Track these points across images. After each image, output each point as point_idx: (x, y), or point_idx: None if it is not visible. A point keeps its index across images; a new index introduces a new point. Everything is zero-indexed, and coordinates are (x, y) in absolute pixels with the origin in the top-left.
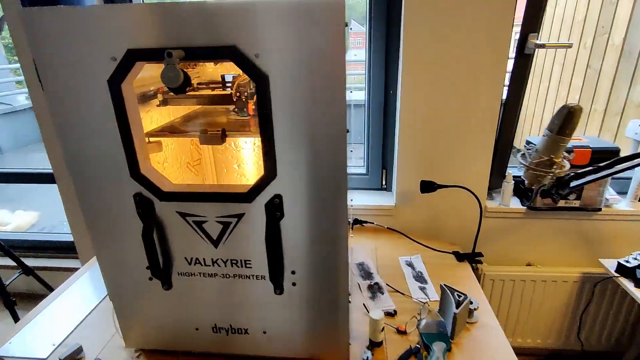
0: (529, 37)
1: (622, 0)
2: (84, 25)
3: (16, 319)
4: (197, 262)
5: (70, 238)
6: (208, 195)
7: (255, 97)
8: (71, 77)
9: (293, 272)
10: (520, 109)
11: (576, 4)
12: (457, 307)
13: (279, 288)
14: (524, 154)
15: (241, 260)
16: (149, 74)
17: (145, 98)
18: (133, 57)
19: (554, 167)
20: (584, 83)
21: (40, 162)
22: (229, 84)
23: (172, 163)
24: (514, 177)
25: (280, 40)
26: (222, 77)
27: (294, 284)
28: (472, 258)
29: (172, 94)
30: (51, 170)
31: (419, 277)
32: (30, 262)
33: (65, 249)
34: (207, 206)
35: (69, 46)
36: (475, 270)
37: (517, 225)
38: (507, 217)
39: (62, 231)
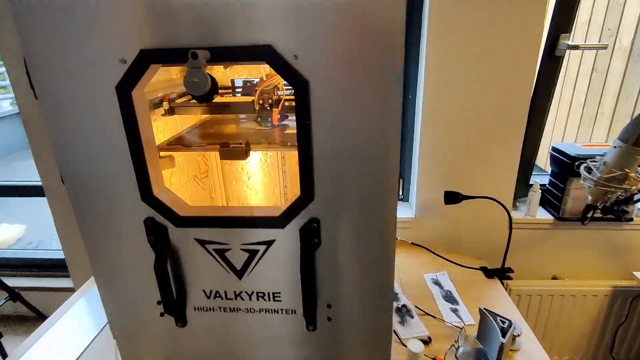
0: (561, 38)
1: (629, 2)
2: (88, 21)
3: (4, 354)
4: (218, 295)
5: (61, 255)
6: (233, 220)
7: (280, 105)
8: (70, 83)
9: (329, 306)
10: (548, 115)
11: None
12: (503, 336)
13: (312, 324)
14: (588, 167)
15: (269, 293)
16: (155, 78)
17: (150, 106)
18: (147, 59)
19: (627, 182)
20: (589, 86)
21: (27, 170)
22: (240, 89)
23: (179, 177)
24: (540, 185)
25: (324, 40)
26: (232, 81)
27: (329, 319)
28: (502, 274)
29: (180, 100)
30: (39, 183)
31: (449, 297)
32: (17, 282)
33: (56, 267)
34: (231, 232)
35: (68, 46)
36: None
37: (543, 237)
38: (533, 229)
39: (51, 246)
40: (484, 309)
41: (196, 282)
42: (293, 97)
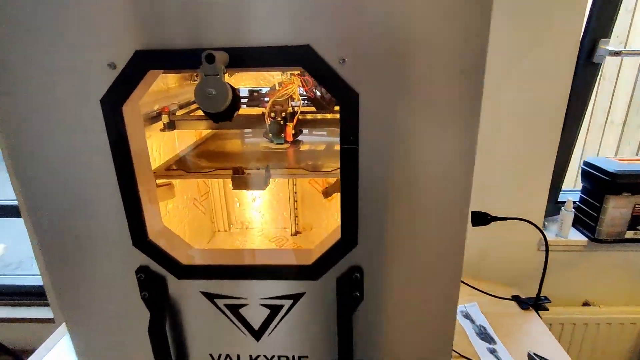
0: (600, 43)
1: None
2: (61, 11)
3: None
4: None
5: (39, 281)
6: (251, 270)
7: (295, 119)
8: (40, 93)
9: None
10: (581, 126)
11: None
12: None
13: None
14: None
15: (294, 357)
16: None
17: (145, 121)
18: (144, 63)
19: None
20: (597, 94)
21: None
22: (245, 99)
23: (176, 201)
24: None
25: (382, 40)
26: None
27: None
28: (538, 305)
29: (181, 113)
30: (15, 202)
31: (484, 335)
32: None
33: (32, 295)
34: (248, 284)
35: (38, 45)
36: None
37: (575, 259)
38: (564, 250)
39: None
40: (534, 354)
41: (202, 346)
42: (311, 109)
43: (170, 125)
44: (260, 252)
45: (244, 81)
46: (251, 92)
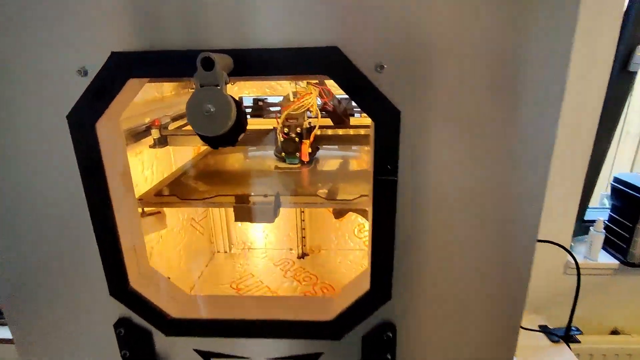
0: (636, 51)
1: None
2: (20, 4)
3: None
4: None
5: None
6: (255, 326)
7: (312, 135)
8: None
9: None
10: (612, 139)
11: None
12: None
13: None
14: None
15: None
16: (141, 96)
17: (132, 136)
18: (122, 70)
19: None
20: None
21: None
22: (248, 110)
23: (171, 224)
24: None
25: (434, 42)
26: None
27: None
28: (569, 337)
29: (174, 126)
30: None
31: None
32: None
33: None
34: (253, 342)
35: None
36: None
37: (604, 284)
38: (593, 274)
39: None
40: None
41: None
42: (331, 123)
43: (162, 142)
44: (268, 301)
45: (247, 88)
46: (256, 101)
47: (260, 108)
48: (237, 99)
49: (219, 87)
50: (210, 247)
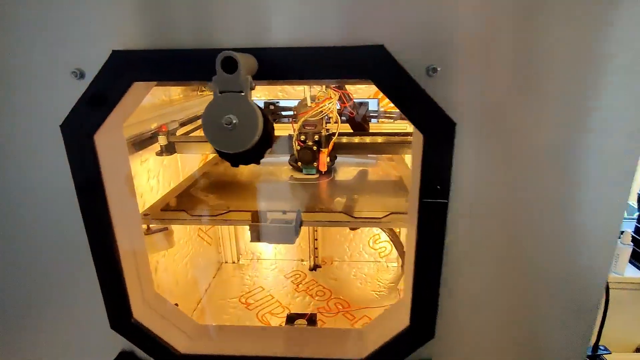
0: None
1: None
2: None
3: None
4: None
5: None
6: None
7: (331, 144)
8: None
9: None
10: None
11: None
12: None
13: None
14: None
15: None
16: (148, 99)
17: (137, 143)
18: (125, 71)
19: None
20: None
21: None
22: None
23: (177, 235)
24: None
25: (498, 39)
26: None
27: None
28: (596, 357)
29: (182, 131)
30: None
31: None
32: None
33: None
34: None
35: None
36: None
37: (631, 299)
38: (619, 288)
39: None
40: None
41: None
42: (350, 131)
43: (169, 149)
44: (288, 332)
45: (258, 91)
46: (267, 104)
47: (272, 113)
48: (261, 107)
49: (242, 94)
50: (218, 257)
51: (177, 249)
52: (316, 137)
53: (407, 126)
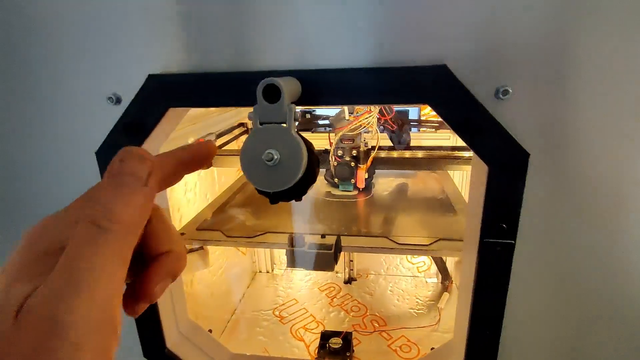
0: None
1: None
2: (44, 22)
3: None
4: None
5: None
6: None
7: (370, 159)
8: (8, 141)
9: None
10: None
11: None
12: None
13: None
14: None
15: None
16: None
17: None
18: (160, 96)
19: None
20: None
21: None
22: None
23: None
24: None
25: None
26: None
27: None
28: None
29: (217, 145)
30: None
31: None
32: None
33: None
34: None
35: (6, 73)
36: None
37: None
38: None
39: None
40: None
41: None
42: (390, 144)
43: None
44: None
45: None
46: (303, 113)
47: (308, 121)
48: (306, 138)
49: (286, 127)
50: (252, 267)
51: (213, 261)
52: (354, 153)
53: (450, 136)
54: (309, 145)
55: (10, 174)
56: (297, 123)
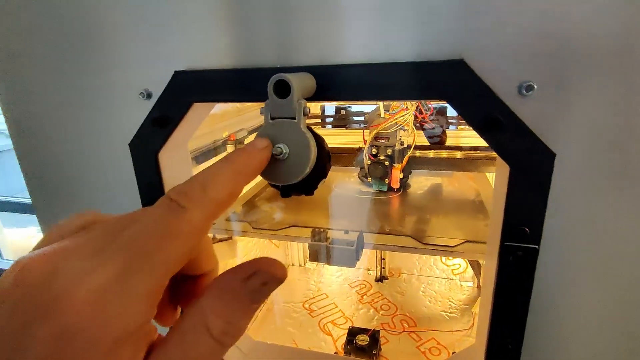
0: None
1: None
2: (76, 19)
3: None
4: None
5: None
6: None
7: (406, 159)
8: (44, 128)
9: None
10: None
11: None
12: None
13: None
14: None
15: None
16: (220, 108)
17: (209, 152)
18: (184, 91)
19: None
20: None
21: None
22: (330, 119)
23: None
24: None
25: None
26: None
27: None
28: None
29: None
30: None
31: None
32: None
33: None
34: None
35: (45, 65)
36: None
37: None
38: None
39: None
40: None
41: None
42: (427, 143)
43: None
44: None
45: None
46: (338, 109)
47: (343, 118)
48: (317, 133)
49: (295, 121)
50: (285, 260)
51: (246, 252)
52: (389, 152)
53: None
54: (319, 140)
55: (50, 165)
56: (307, 116)
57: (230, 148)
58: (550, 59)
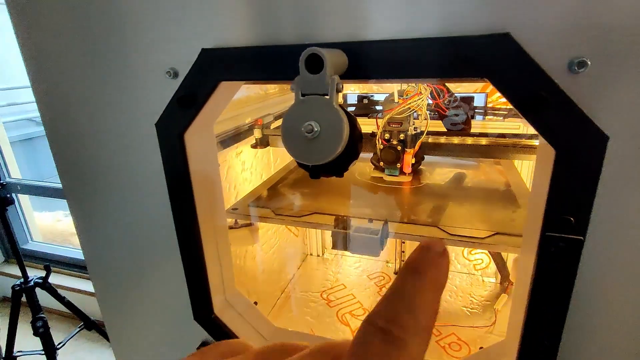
0: None
1: None
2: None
3: None
4: None
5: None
6: None
7: (418, 144)
8: (73, 110)
9: None
10: None
11: None
12: None
13: None
14: None
15: None
16: (245, 93)
17: (235, 136)
18: (210, 70)
19: None
20: None
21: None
22: (352, 108)
23: (265, 227)
24: None
25: None
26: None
27: None
28: None
29: (276, 126)
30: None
31: None
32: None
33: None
34: None
35: (73, 47)
36: None
37: None
38: None
39: None
40: None
41: None
42: (443, 129)
43: (263, 142)
44: None
45: (352, 84)
46: (361, 98)
47: (365, 106)
48: (349, 112)
49: (328, 98)
50: (303, 249)
51: (265, 239)
52: (401, 137)
53: (520, 125)
54: (352, 119)
55: (80, 148)
56: (339, 95)
57: (257, 132)
58: (606, 34)
